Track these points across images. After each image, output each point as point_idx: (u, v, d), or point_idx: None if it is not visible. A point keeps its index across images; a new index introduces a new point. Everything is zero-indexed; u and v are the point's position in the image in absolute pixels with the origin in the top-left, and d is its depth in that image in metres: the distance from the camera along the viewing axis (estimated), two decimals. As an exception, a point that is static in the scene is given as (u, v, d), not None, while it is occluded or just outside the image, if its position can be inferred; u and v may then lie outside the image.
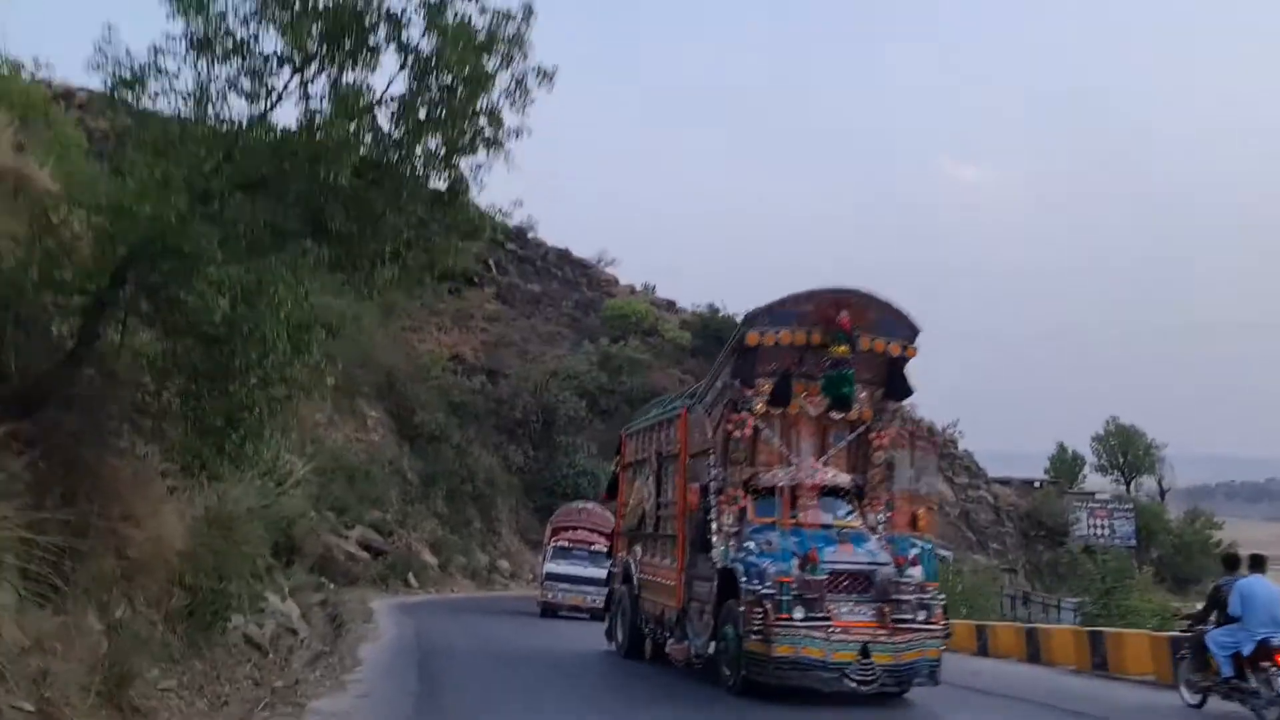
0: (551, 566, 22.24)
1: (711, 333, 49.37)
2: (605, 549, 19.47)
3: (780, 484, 10.82)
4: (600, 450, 41.08)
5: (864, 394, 11.36)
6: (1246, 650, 9.54)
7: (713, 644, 10.56)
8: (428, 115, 7.43)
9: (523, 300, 49.04)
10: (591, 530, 22.50)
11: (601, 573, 17.77)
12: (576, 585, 21.44)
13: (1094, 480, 70.62)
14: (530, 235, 52.80)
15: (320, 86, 7.29)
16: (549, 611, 21.75)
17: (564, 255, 52.28)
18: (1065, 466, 70.03)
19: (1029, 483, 61.82)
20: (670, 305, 51.13)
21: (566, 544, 22.42)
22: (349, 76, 7.23)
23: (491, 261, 49.15)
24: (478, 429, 38.73)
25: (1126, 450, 67.65)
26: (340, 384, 35.90)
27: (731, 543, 10.42)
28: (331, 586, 22.18)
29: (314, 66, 7.22)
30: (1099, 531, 58.78)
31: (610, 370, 42.87)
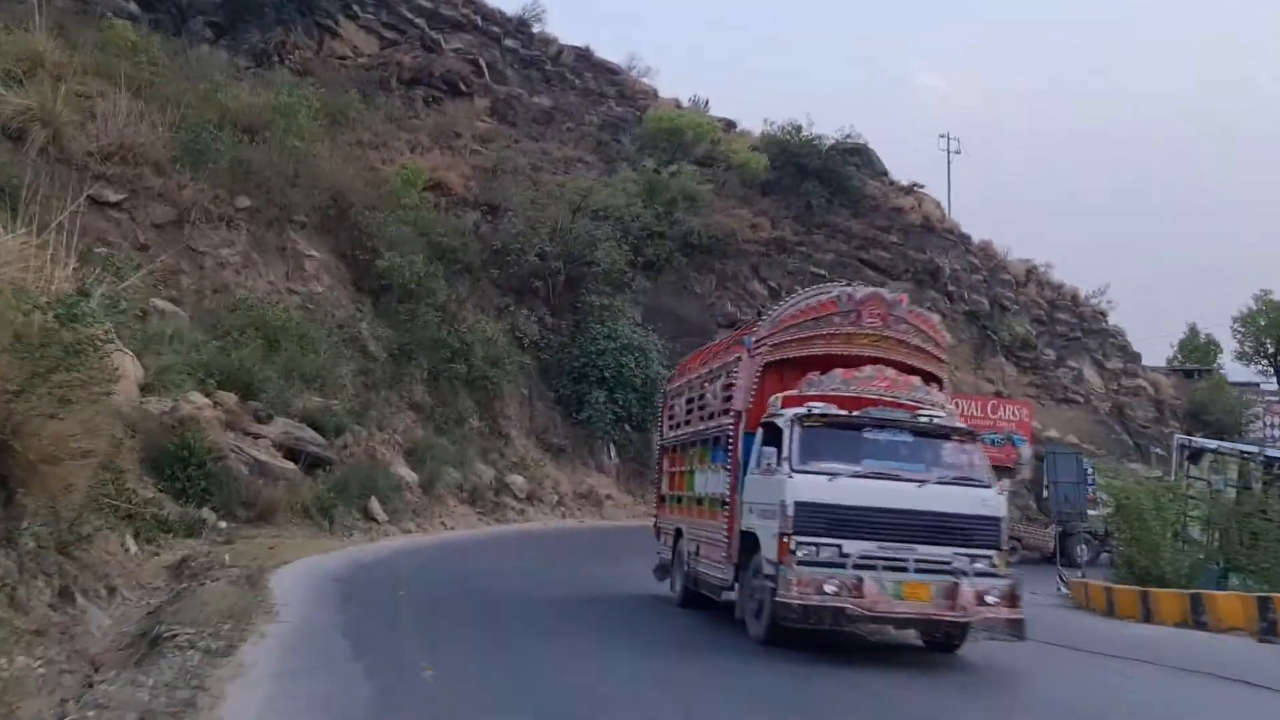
0: (811, 490, 9.13)
1: (792, 158, 39.96)
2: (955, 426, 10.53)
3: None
4: (646, 318, 32.33)
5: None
6: None
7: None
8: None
9: (528, 117, 39.33)
10: (906, 372, 10.90)
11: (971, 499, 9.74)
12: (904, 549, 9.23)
13: (1233, 370, 62.50)
14: (535, 30, 42.68)
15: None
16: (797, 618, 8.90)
17: (583, 56, 42.16)
18: (1197, 353, 61.65)
19: (1186, 372, 53.50)
20: (729, 126, 41.44)
21: (845, 418, 9.70)
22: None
23: (483, 62, 39.23)
24: (471, 285, 29.84)
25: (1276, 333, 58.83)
26: (258, 205, 27.08)
27: None
28: (221, 525, 13.61)
29: None
30: (1272, 433, 50.85)
31: (659, 205, 33.72)
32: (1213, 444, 24.28)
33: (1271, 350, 61.04)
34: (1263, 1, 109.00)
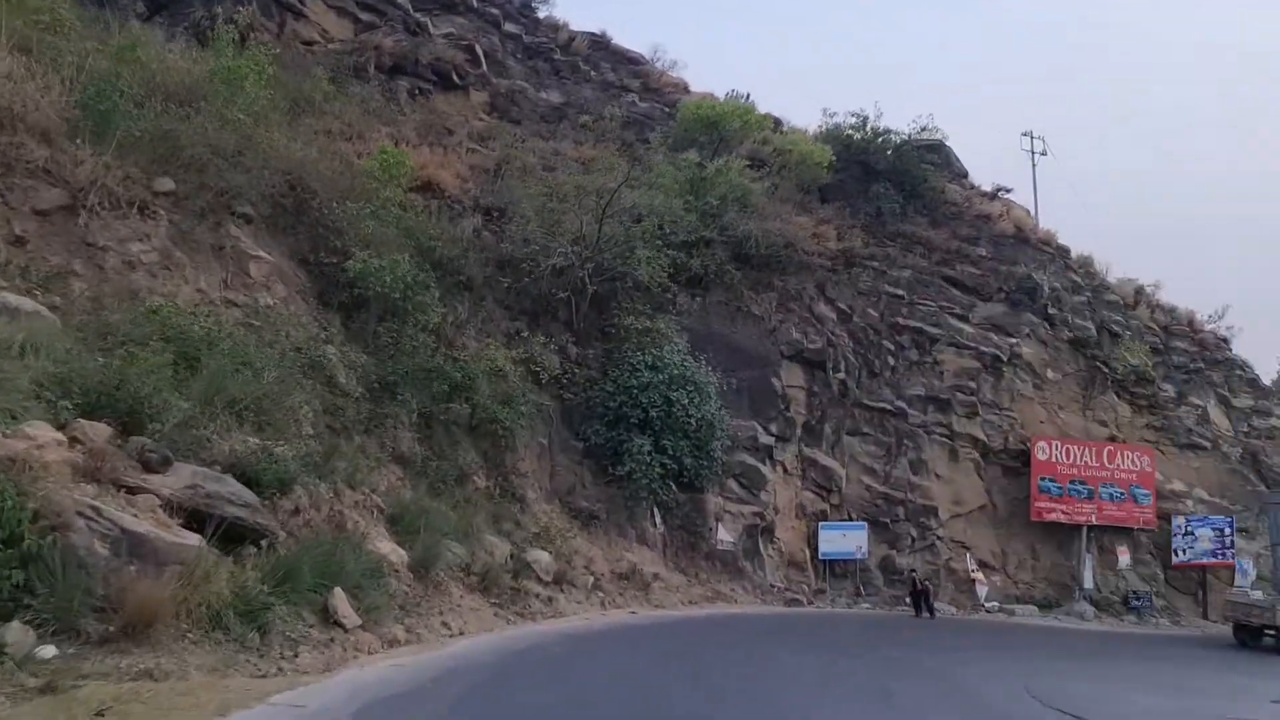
0: None
1: (857, 156, 34.93)
2: None
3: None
4: (693, 346, 26.94)
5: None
6: None
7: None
8: None
9: (535, 114, 34.45)
10: None
11: None
12: None
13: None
14: (541, 14, 37.99)
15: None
16: None
17: (599, 44, 37.39)
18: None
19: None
20: (777, 124, 36.52)
21: None
22: None
23: (480, 50, 34.39)
24: (473, 304, 24.49)
25: None
26: (186, 190, 21.59)
27: None
28: (43, 653, 7.93)
29: None
30: None
31: (705, 206, 28.53)
32: None
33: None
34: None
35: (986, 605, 31.73)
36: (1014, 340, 34.21)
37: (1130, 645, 28.09)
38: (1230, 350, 39.71)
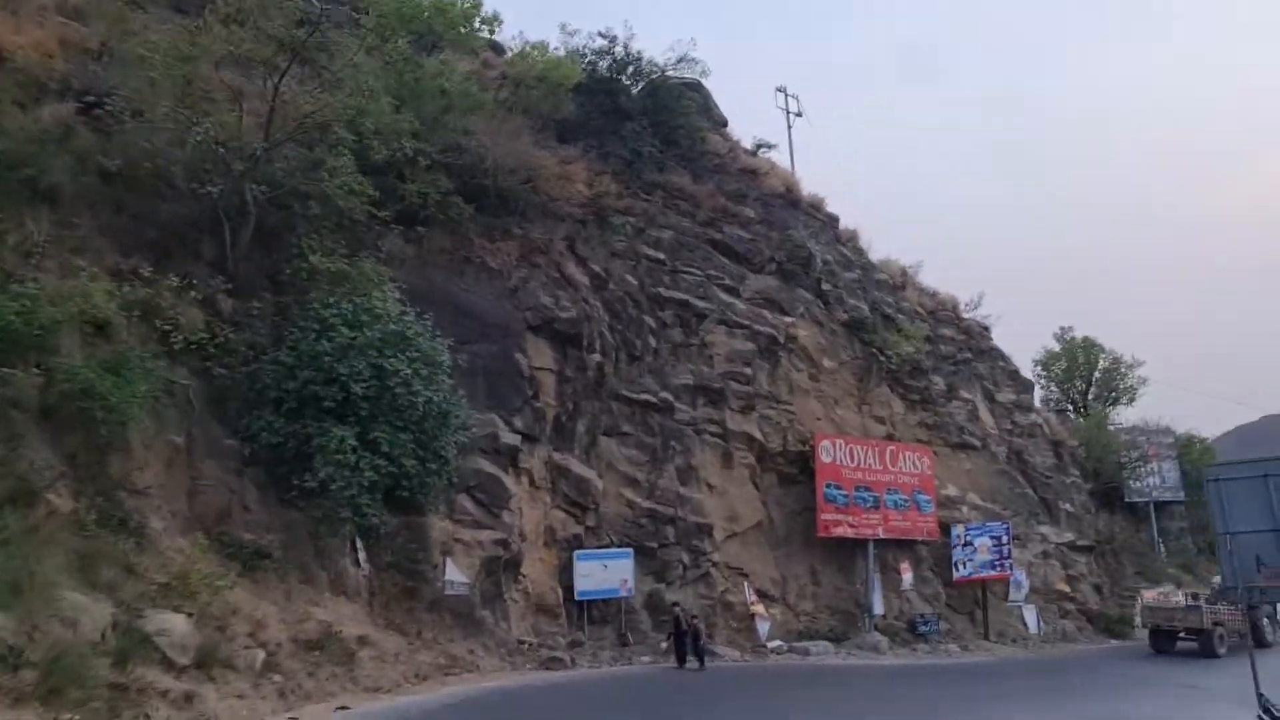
0: None
1: (604, 87, 29.72)
2: None
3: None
4: (411, 303, 20.20)
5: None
6: None
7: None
8: None
9: (165, -3, 25.98)
10: None
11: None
12: None
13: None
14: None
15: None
16: None
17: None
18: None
19: (1059, 410, 48.89)
20: (497, 50, 30.15)
21: None
22: None
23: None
24: (58, 222, 16.24)
25: (1089, 373, 57.02)
26: None
27: None
28: None
29: None
30: (1150, 480, 47.14)
31: (422, 115, 21.59)
32: None
33: (1082, 388, 59.27)
34: None
35: (769, 645, 27.23)
36: (789, 320, 30.31)
37: (993, 682, 24.74)
38: (991, 340, 38.69)
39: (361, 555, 18.16)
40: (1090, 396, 58.08)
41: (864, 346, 32.49)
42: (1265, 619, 33.91)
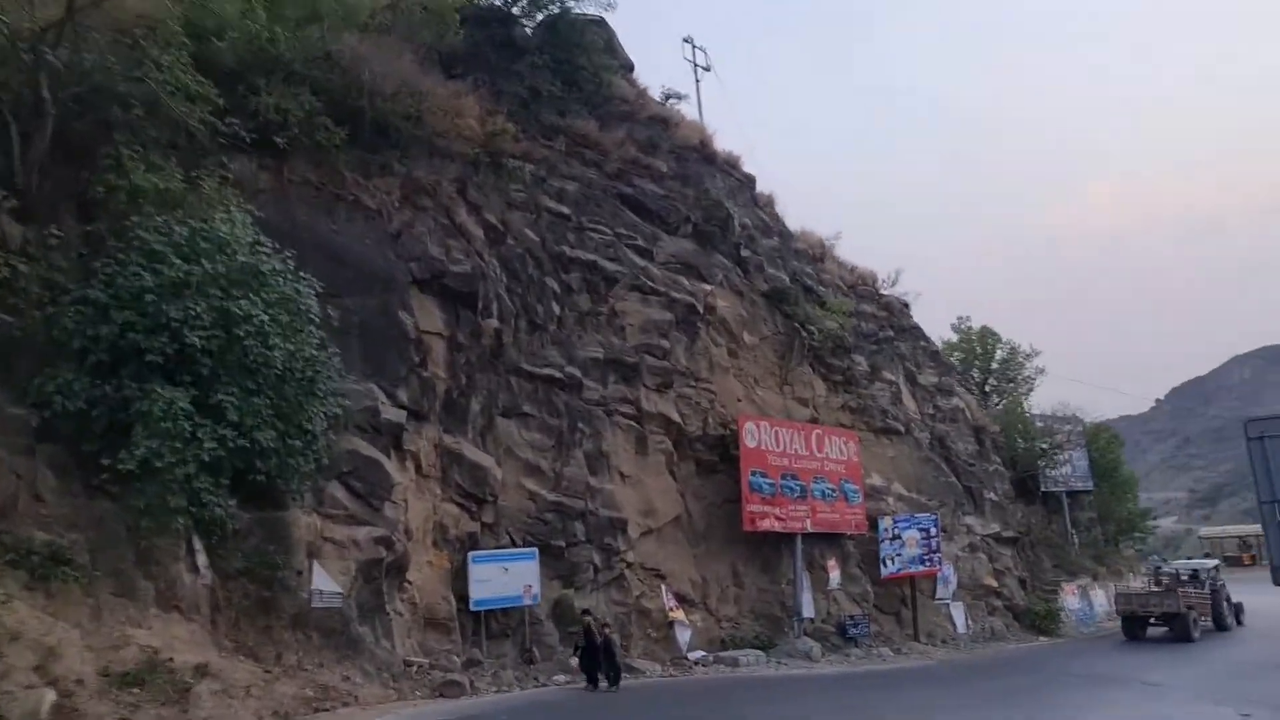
0: None
1: (497, 16, 26.28)
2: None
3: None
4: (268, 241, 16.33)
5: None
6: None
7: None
8: None
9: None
10: None
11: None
12: None
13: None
14: None
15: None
16: None
17: None
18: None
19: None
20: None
21: None
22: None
23: None
24: None
25: (986, 363, 56.19)
26: None
27: None
28: None
29: None
30: (1063, 470, 46.04)
31: (283, 15, 17.66)
32: None
33: (980, 379, 58.26)
34: None
35: (691, 656, 24.17)
36: (708, 288, 27.33)
37: (947, 686, 22.03)
38: (911, 317, 36.60)
39: (201, 559, 14.20)
40: (986, 388, 57.26)
41: (786, 321, 29.77)
42: (1225, 601, 34.17)
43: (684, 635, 24.42)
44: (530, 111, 25.12)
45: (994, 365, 56.39)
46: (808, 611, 27.40)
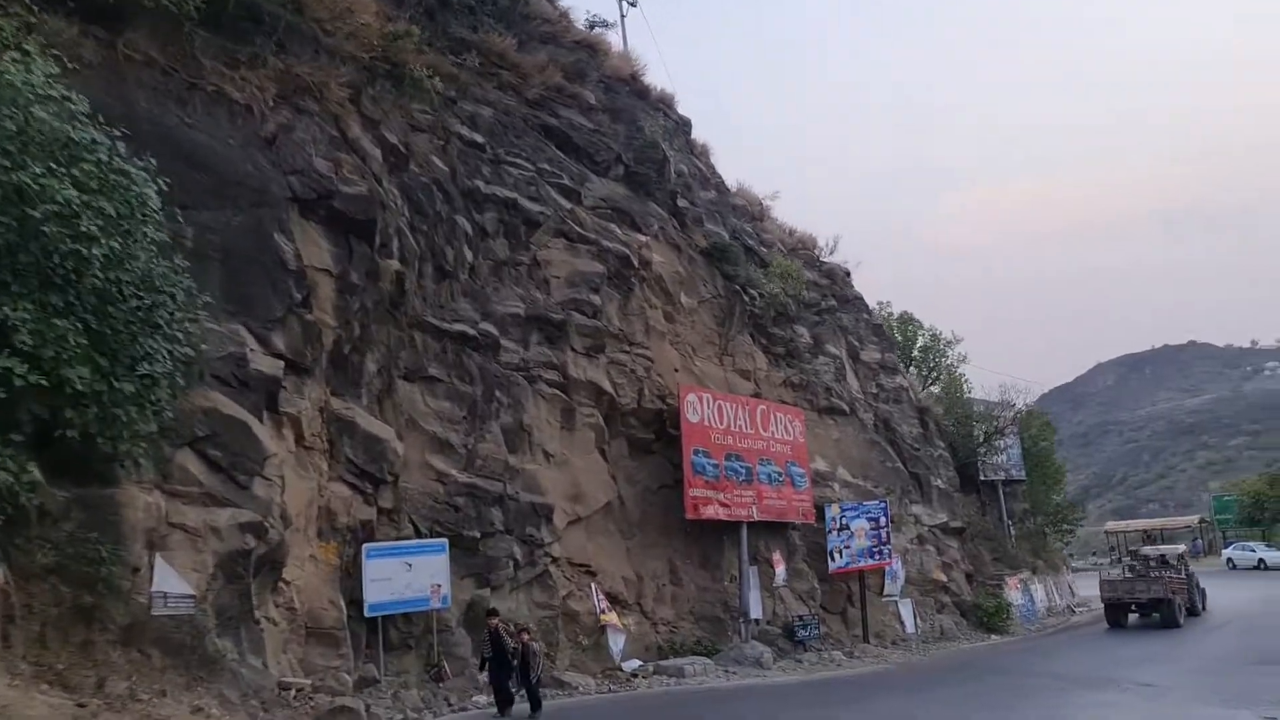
0: None
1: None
2: None
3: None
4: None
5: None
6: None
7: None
8: None
9: None
10: None
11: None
12: None
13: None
14: None
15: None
16: None
17: None
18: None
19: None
20: None
21: None
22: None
23: None
24: None
25: (908, 350, 54.32)
26: None
27: None
28: None
29: None
30: (999, 458, 44.08)
31: None
32: None
33: (901, 366, 56.30)
34: None
35: (626, 666, 20.85)
36: (643, 239, 24.01)
37: (928, 691, 18.86)
38: (854, 287, 33.88)
39: (-19, 551, 10.31)
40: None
41: (726, 283, 26.66)
42: (1195, 586, 34.20)
43: (617, 642, 21.08)
44: (437, 23, 21.37)
45: (915, 354, 54.63)
46: (755, 612, 24.33)
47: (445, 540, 17.77)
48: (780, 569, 26.05)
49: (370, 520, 16.90)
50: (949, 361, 55.13)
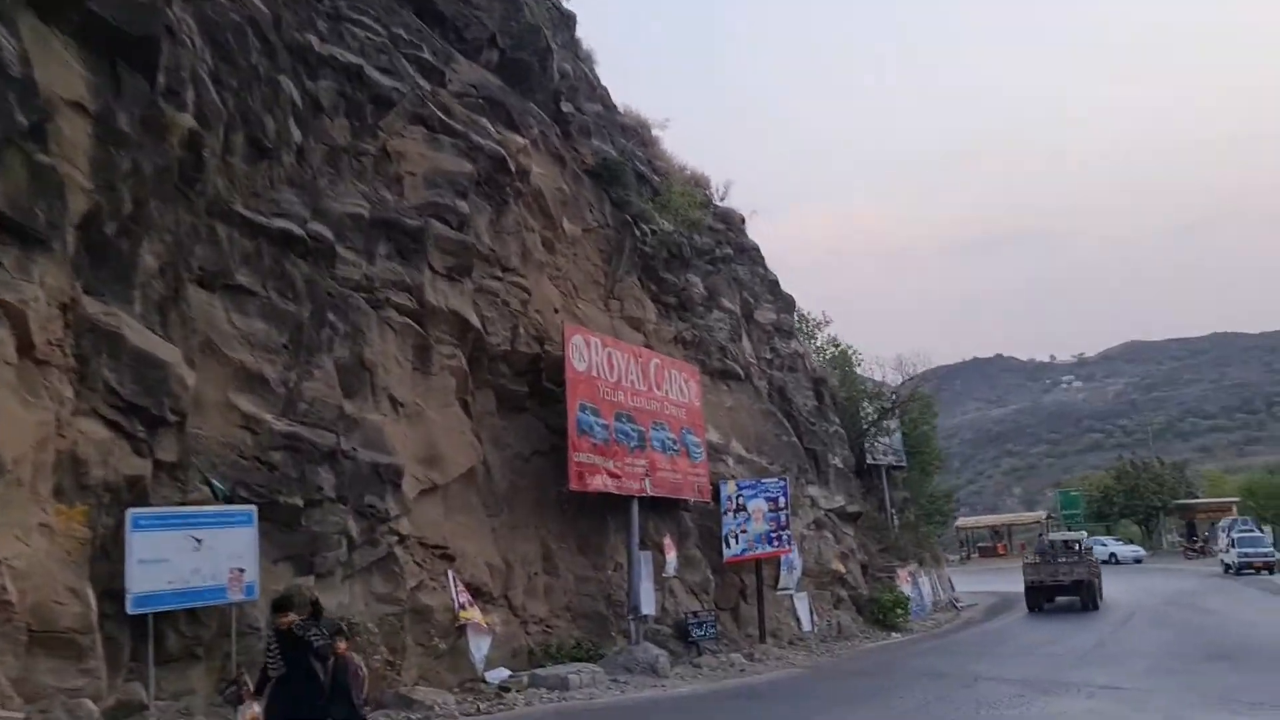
0: None
1: None
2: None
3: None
4: None
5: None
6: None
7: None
8: None
9: None
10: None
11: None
12: None
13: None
14: None
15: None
16: None
17: None
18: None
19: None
20: None
21: None
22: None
23: None
24: None
25: None
26: None
27: None
28: None
29: None
30: (884, 440, 41.33)
31: None
32: None
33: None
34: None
35: (491, 676, 16.45)
36: (521, 141, 19.54)
37: (870, 705, 15.86)
38: (748, 235, 30.10)
39: None
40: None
41: (616, 211, 22.46)
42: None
43: (480, 646, 16.60)
44: None
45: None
46: (647, 607, 20.24)
47: (253, 509, 12.91)
48: (671, 556, 22.02)
49: (142, 476, 11.92)
50: (819, 343, 52.75)
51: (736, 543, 24.22)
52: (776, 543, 25.11)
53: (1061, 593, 32.93)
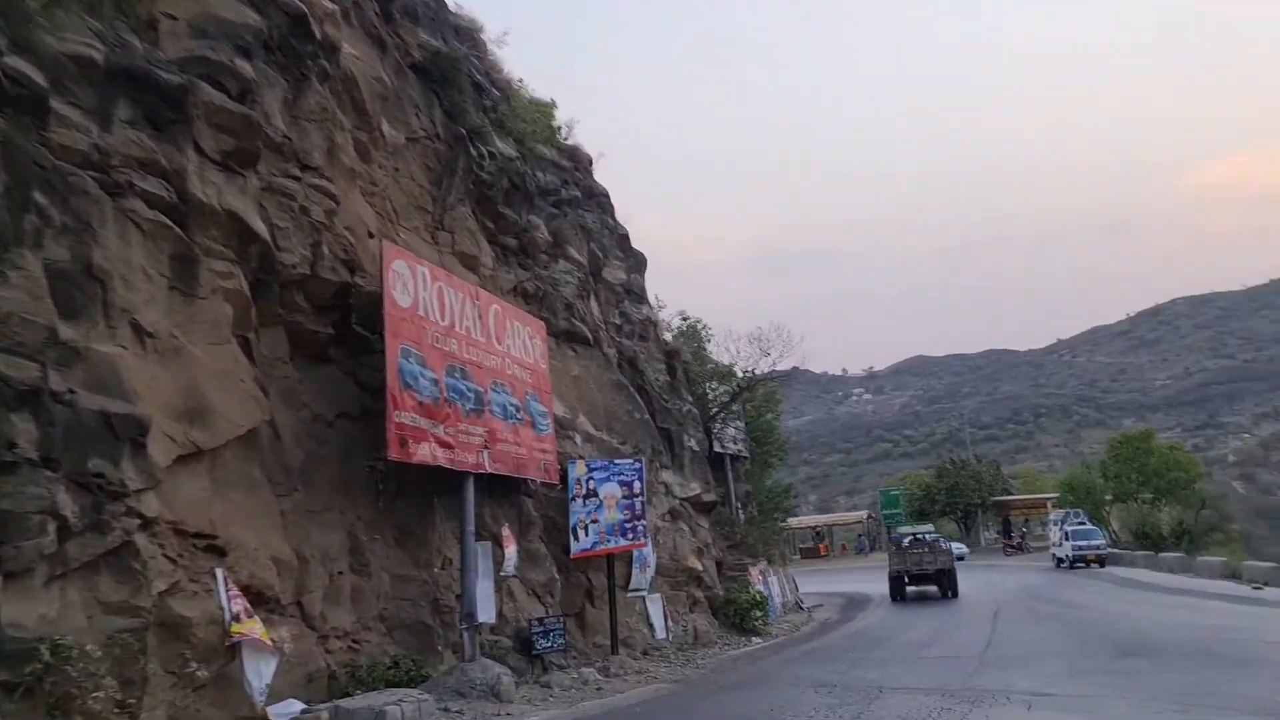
0: None
1: None
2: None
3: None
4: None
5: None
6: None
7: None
8: None
9: None
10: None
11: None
12: None
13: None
14: None
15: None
16: None
17: None
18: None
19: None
20: None
21: None
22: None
23: None
24: None
25: None
26: None
27: None
28: None
29: None
30: (730, 429, 38.29)
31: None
32: None
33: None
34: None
35: (274, 711, 12.10)
36: (330, 6, 15.10)
37: None
38: (596, 180, 26.21)
39: None
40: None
41: (447, 122, 18.25)
42: None
43: (261, 671, 12.14)
44: None
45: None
46: (484, 614, 16.13)
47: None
48: (511, 550, 17.98)
49: None
50: (664, 316, 49.50)
51: (586, 534, 20.37)
52: (631, 535, 21.46)
53: (925, 581, 36.16)
